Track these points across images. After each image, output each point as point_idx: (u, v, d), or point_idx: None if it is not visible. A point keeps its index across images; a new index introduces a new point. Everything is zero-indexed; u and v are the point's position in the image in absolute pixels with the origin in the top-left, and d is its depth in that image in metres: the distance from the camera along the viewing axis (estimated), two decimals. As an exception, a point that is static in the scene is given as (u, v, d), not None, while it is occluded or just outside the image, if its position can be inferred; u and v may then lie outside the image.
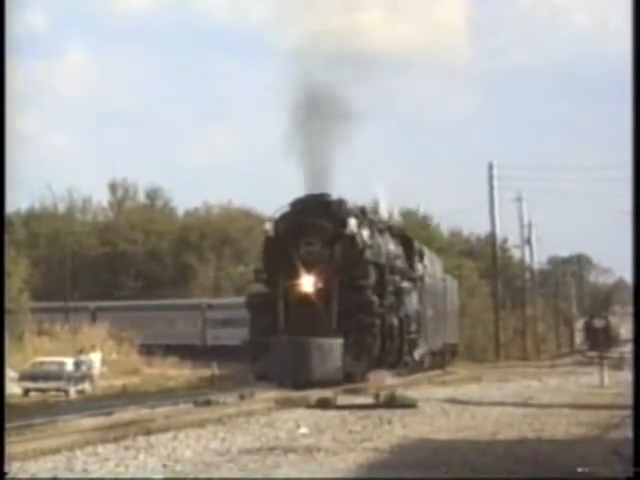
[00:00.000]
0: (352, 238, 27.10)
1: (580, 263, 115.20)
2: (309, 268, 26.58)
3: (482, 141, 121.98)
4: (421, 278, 34.16)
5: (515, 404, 19.74)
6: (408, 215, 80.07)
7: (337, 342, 25.60)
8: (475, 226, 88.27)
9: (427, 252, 37.35)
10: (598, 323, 66.95)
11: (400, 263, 31.50)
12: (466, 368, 42.35)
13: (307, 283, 26.52)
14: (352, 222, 27.17)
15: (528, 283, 74.30)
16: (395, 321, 27.93)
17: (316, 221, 27.14)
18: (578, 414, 17.21)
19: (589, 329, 69.35)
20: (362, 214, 28.91)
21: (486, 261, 70.57)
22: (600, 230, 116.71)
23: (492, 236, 65.51)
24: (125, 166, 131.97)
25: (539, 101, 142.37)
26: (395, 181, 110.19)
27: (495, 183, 62.52)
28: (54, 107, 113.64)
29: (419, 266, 34.16)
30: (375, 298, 27.01)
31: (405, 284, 30.59)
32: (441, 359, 39.75)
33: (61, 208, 79.96)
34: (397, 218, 66.42)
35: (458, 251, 76.78)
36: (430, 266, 36.94)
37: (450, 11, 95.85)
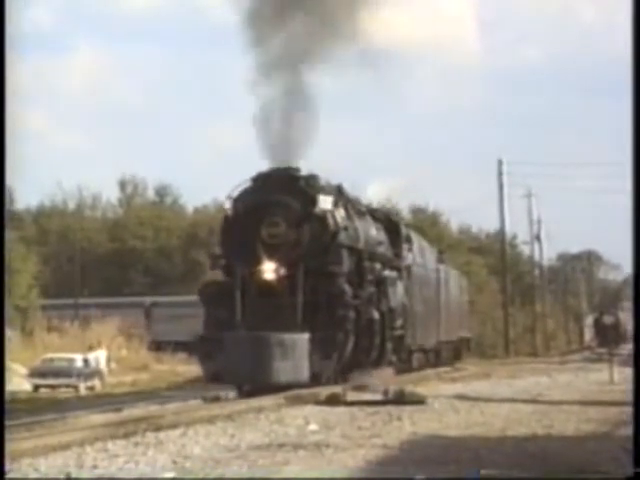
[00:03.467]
0: (323, 219, 23.51)
1: (590, 259, 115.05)
2: (272, 253, 23.11)
3: (491, 137, 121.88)
4: (408, 267, 30.61)
5: (525, 401, 19.72)
6: (418, 212, 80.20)
7: (302, 338, 22.20)
8: (484, 222, 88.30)
9: (416, 238, 33.94)
10: (608, 319, 66.95)
11: (383, 250, 27.88)
12: (475, 364, 42.35)
13: (269, 270, 23.06)
14: (323, 200, 23.59)
15: (537, 279, 74.29)
16: (375, 315, 24.49)
17: (281, 199, 23.54)
18: (588, 410, 17.19)
19: (599, 325, 69.34)
20: (338, 193, 25.30)
21: (495, 257, 70.61)
22: (610, 226, 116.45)
23: (501, 232, 65.50)
24: (134, 163, 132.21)
25: (548, 97, 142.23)
26: (403, 177, 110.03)
27: (504, 179, 62.56)
28: (63, 104, 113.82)
29: (406, 254, 30.60)
30: (348, 287, 23.41)
31: (388, 273, 27.05)
32: (435, 358, 36.61)
33: (71, 205, 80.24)
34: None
35: (467, 248, 76.82)
36: (419, 254, 33.42)
37: (458, 6, 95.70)
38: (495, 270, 71.25)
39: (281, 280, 23.00)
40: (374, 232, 27.54)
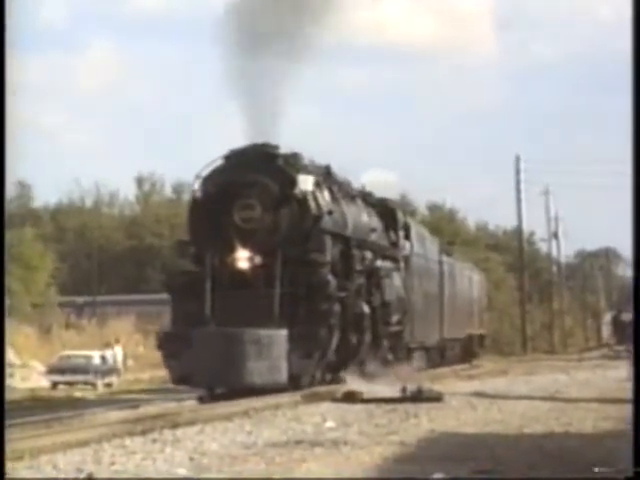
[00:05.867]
0: (303, 201, 21.11)
1: (608, 257, 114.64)
2: (246, 239, 20.82)
3: (508, 134, 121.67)
4: (406, 258, 28.13)
5: (542, 398, 19.68)
6: (434, 209, 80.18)
7: (280, 334, 19.86)
8: (501, 220, 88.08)
9: (415, 226, 31.51)
10: (626, 317, 66.62)
11: (375, 237, 25.42)
12: (492, 361, 42.30)
13: (242, 258, 20.77)
14: (303, 180, 21.06)
15: (555, 277, 74.10)
16: (365, 309, 22.27)
17: (256, 178, 21.09)
18: (606, 408, 17.12)
19: (617, 323, 69.07)
20: (326, 174, 23.12)
21: (513, 255, 70.52)
22: (627, 223, 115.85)
23: (519, 230, 65.39)
24: (152, 160, 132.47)
25: (564, 94, 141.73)
26: (421, 175, 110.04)
27: (522, 176, 62.44)
28: (81, 101, 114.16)
29: (404, 243, 28.18)
30: (332, 278, 21.03)
31: (382, 263, 24.72)
32: (440, 357, 34.35)
33: (88, 202, 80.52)
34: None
35: (485, 245, 76.75)
36: (419, 243, 30.72)
37: (474, 4, 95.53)
38: (513, 267, 71.19)
39: (256, 270, 20.80)
40: (365, 218, 25.15)
